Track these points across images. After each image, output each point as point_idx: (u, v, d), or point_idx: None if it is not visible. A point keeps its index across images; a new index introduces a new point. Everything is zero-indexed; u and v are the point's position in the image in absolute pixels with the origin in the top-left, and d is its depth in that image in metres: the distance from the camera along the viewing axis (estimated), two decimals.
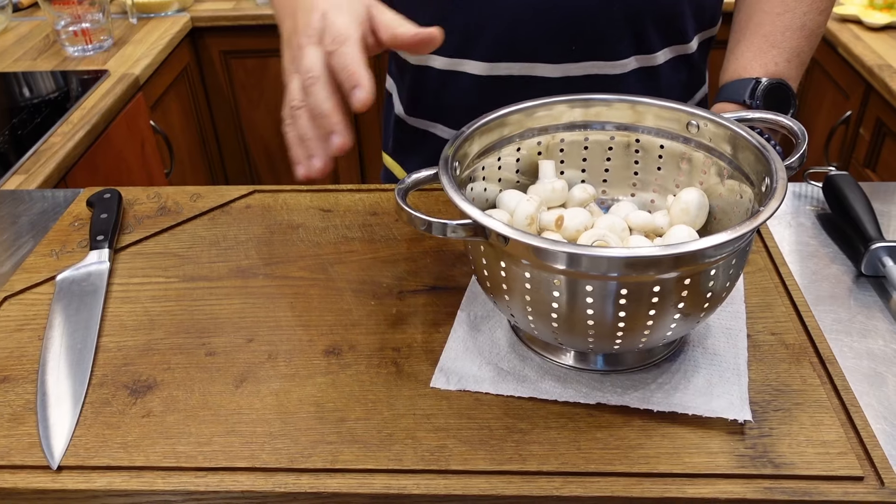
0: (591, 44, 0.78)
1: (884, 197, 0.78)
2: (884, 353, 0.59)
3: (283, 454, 0.51)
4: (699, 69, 0.88)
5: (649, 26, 0.79)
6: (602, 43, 0.78)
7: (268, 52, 1.93)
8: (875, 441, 0.50)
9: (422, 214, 0.50)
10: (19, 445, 0.53)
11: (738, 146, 0.57)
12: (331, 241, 0.72)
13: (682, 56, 0.84)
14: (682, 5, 0.79)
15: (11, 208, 0.82)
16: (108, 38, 1.65)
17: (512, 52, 0.79)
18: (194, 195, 0.79)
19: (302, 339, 0.61)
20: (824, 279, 0.67)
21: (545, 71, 0.79)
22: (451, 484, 0.49)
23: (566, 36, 0.77)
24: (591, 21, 0.76)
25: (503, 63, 0.80)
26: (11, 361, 0.60)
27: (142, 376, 0.58)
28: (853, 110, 1.58)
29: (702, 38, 0.85)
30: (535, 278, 0.49)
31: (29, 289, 0.67)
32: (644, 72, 0.82)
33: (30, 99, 1.44)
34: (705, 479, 0.48)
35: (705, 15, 0.84)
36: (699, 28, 0.84)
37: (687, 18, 0.81)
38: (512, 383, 0.55)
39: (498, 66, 0.80)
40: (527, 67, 0.79)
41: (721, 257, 0.48)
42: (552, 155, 0.64)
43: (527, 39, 0.78)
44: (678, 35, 0.82)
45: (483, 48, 0.80)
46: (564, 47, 0.78)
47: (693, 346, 0.58)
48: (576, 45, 0.78)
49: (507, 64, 0.80)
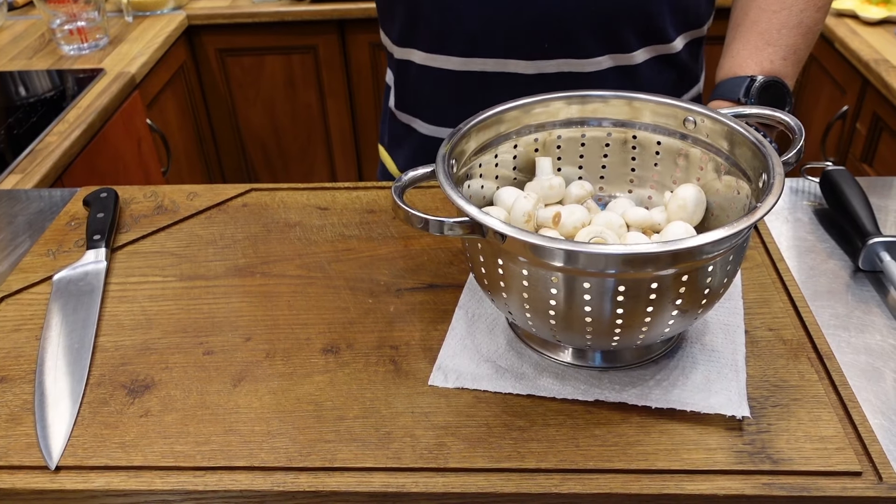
0: (562, 42, 0.78)
1: (881, 191, 0.78)
2: (881, 348, 0.59)
3: (282, 453, 0.51)
4: (689, 69, 0.88)
5: (622, 26, 0.79)
6: (572, 41, 0.79)
7: (264, 50, 1.93)
8: (873, 436, 0.50)
9: (419, 212, 0.50)
10: (17, 446, 0.53)
11: (735, 142, 0.57)
12: (328, 239, 0.72)
13: (665, 56, 0.83)
14: (658, 5, 0.79)
15: (8, 208, 0.82)
16: (104, 37, 1.65)
17: (485, 48, 0.80)
18: (191, 194, 0.79)
19: (300, 337, 0.61)
20: (822, 274, 0.68)
21: (519, 67, 0.80)
22: (449, 482, 0.49)
23: (538, 33, 0.78)
24: (562, 19, 0.77)
25: (477, 59, 0.80)
26: (9, 361, 0.60)
27: (139, 376, 0.58)
28: (850, 105, 1.58)
29: (688, 38, 0.85)
30: (532, 276, 0.49)
31: (26, 289, 0.67)
32: (620, 70, 0.82)
33: (26, 98, 1.43)
34: (704, 475, 0.48)
35: (688, 15, 0.83)
36: (683, 28, 0.83)
37: (665, 18, 0.80)
38: (510, 381, 0.55)
39: (472, 61, 0.81)
40: (500, 63, 0.80)
41: (718, 254, 0.48)
42: (549, 152, 0.64)
43: (500, 36, 0.79)
44: (657, 35, 0.81)
45: (458, 44, 0.80)
46: (537, 44, 0.79)
47: (691, 342, 0.58)
48: (548, 43, 0.78)
49: (482, 60, 0.80)
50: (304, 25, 1.88)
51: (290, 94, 2.00)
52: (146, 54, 1.61)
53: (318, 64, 1.95)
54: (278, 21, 1.86)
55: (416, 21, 0.82)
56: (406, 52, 0.85)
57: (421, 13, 0.81)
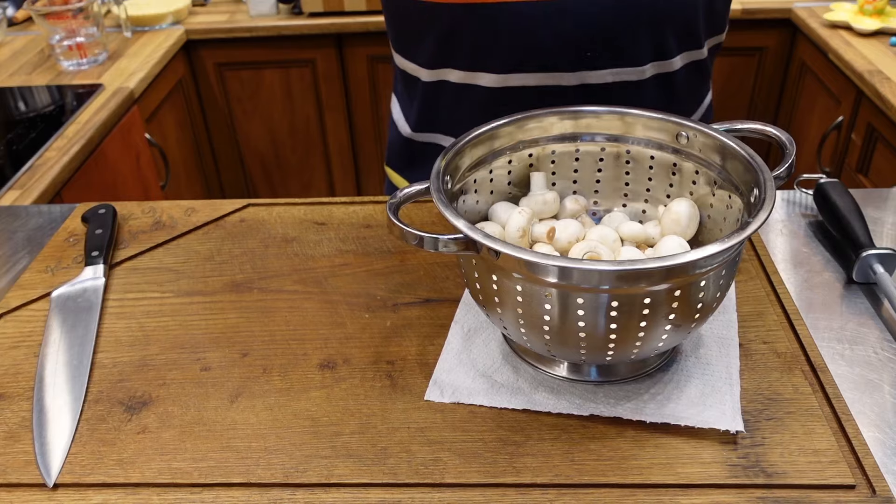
0: (608, 50, 0.77)
1: (875, 203, 0.79)
2: (875, 361, 0.60)
3: (279, 469, 0.51)
4: (709, 75, 0.89)
5: (665, 31, 0.78)
6: (619, 49, 0.77)
7: (262, 64, 1.94)
8: (866, 449, 0.50)
9: (413, 230, 0.50)
10: (15, 463, 0.53)
11: (728, 156, 0.58)
12: (325, 254, 0.72)
13: (695, 62, 0.84)
14: (697, 10, 0.79)
15: (7, 224, 0.82)
16: (103, 52, 1.66)
17: (526, 63, 0.78)
18: (188, 209, 0.80)
19: (296, 353, 0.61)
20: (816, 287, 0.68)
21: (562, 80, 0.78)
22: (445, 497, 0.49)
23: (582, 43, 0.76)
24: (608, 27, 0.75)
25: (518, 74, 0.78)
26: (7, 378, 0.60)
27: (137, 392, 0.58)
28: (845, 116, 1.59)
29: (711, 44, 0.86)
30: (526, 291, 0.50)
31: (24, 305, 0.68)
32: (661, 79, 0.81)
33: (25, 113, 1.44)
34: (698, 489, 0.49)
35: (717, 19, 0.83)
36: (711, 33, 0.84)
37: (700, 23, 0.80)
38: (505, 395, 0.56)
39: (512, 76, 0.79)
40: (543, 77, 0.78)
41: (711, 268, 0.49)
42: (543, 167, 0.65)
43: (543, 48, 0.76)
44: (693, 40, 0.81)
45: (497, 60, 0.78)
46: (581, 55, 0.76)
47: (685, 355, 0.58)
48: (592, 52, 0.76)
49: (523, 75, 0.78)
50: (303, 39, 1.89)
51: (289, 107, 2.01)
52: (145, 69, 1.62)
53: (317, 78, 1.96)
54: (276, 35, 1.88)
55: (453, 39, 0.79)
56: (440, 72, 0.82)
57: (458, 31, 0.78)
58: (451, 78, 0.82)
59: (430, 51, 0.82)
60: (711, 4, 0.80)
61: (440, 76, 0.83)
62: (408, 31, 0.84)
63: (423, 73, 0.84)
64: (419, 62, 0.84)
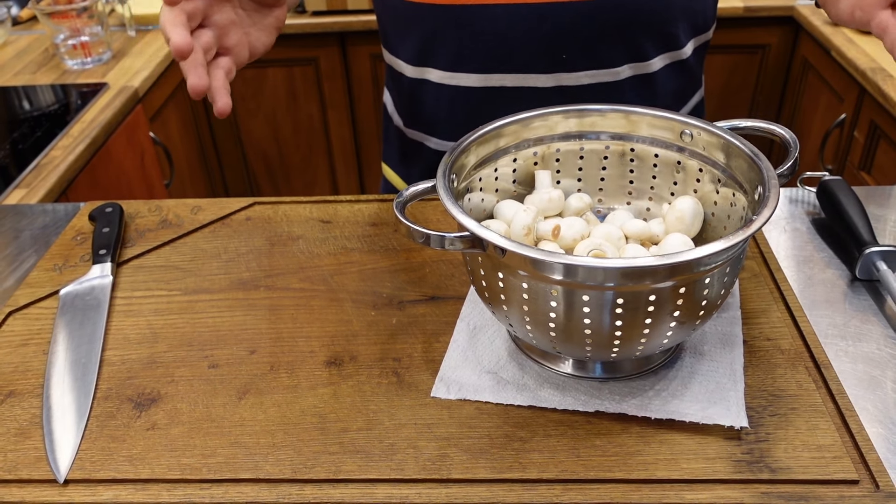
0: (584, 53, 0.79)
1: (878, 201, 0.79)
2: (878, 357, 0.60)
3: (287, 465, 0.52)
4: (695, 75, 0.89)
5: (641, 34, 0.79)
6: (593, 52, 0.79)
7: (266, 63, 1.94)
8: (870, 444, 0.51)
9: (420, 227, 0.51)
10: (26, 459, 0.53)
11: (731, 154, 0.58)
12: (331, 252, 0.73)
13: (677, 62, 0.84)
14: (673, 11, 0.80)
15: (14, 223, 0.83)
16: (107, 51, 1.66)
17: (505, 64, 0.80)
18: (195, 208, 0.80)
19: (303, 350, 0.61)
20: (819, 284, 0.68)
21: (539, 81, 0.80)
22: (452, 493, 0.49)
23: (558, 46, 0.78)
24: (583, 30, 0.77)
25: (496, 74, 0.80)
26: (17, 376, 0.60)
27: (146, 389, 0.58)
28: (847, 113, 1.59)
29: (697, 44, 0.86)
30: (532, 289, 0.50)
31: (33, 303, 0.68)
32: (638, 79, 0.82)
33: (30, 112, 1.44)
34: (703, 484, 0.49)
35: (698, 19, 0.84)
36: (693, 33, 0.84)
37: (679, 23, 0.81)
38: (511, 392, 0.56)
39: (491, 77, 0.81)
40: (520, 78, 0.80)
41: (715, 266, 0.49)
42: (548, 165, 0.65)
43: (520, 50, 0.79)
44: (671, 41, 0.82)
45: (477, 60, 0.80)
46: (557, 57, 0.79)
47: (690, 352, 0.59)
48: (568, 55, 0.79)
49: (500, 75, 0.80)
50: (306, 38, 1.89)
51: (292, 106, 2.02)
52: (149, 68, 1.62)
53: (320, 76, 1.96)
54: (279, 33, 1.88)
55: (434, 39, 0.81)
56: (421, 70, 0.84)
57: (439, 31, 0.80)
58: (431, 77, 0.84)
59: (413, 49, 0.84)
60: (690, 5, 0.81)
61: (422, 74, 0.85)
62: (394, 28, 0.87)
63: (407, 69, 0.86)
64: (404, 59, 0.87)
